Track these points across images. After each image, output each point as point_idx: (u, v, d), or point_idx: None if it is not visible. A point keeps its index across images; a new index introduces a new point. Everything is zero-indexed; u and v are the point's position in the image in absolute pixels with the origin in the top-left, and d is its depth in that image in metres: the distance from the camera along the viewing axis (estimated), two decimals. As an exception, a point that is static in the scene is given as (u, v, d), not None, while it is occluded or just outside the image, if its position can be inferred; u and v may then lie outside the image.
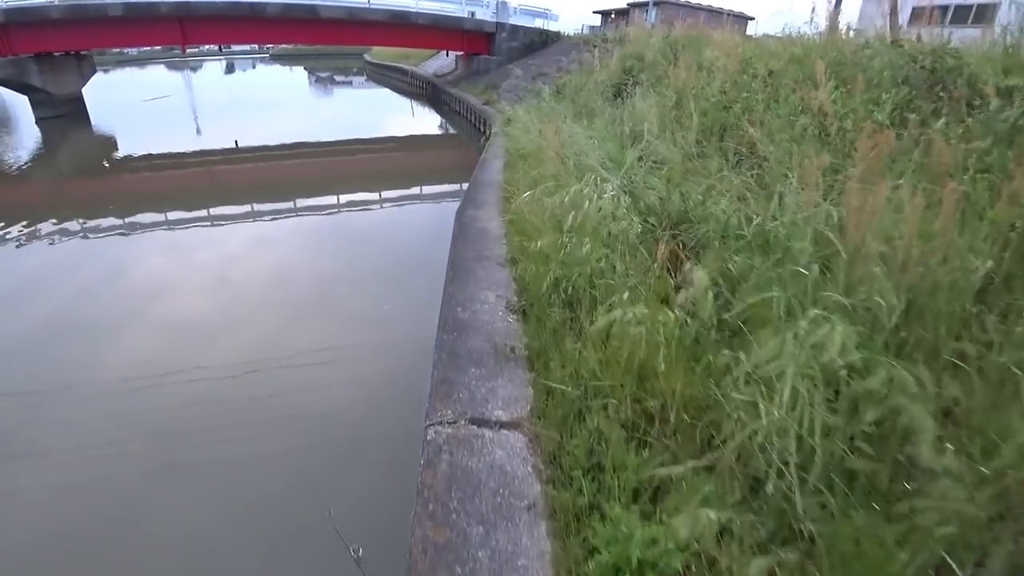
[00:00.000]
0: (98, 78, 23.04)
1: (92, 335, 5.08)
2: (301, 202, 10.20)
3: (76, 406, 4.05)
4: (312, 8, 18.93)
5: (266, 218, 9.37)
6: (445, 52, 26.40)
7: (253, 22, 19.22)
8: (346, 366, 4.52)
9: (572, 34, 22.54)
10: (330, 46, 50.96)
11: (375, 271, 6.75)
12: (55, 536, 3.11)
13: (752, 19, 24.98)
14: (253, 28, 19.62)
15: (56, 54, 20.13)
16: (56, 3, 17.87)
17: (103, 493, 3.38)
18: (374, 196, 10.98)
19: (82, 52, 21.61)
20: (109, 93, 31.68)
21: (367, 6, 19.40)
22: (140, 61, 59.53)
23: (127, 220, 8.96)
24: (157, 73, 47.78)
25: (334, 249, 7.81)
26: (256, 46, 58.04)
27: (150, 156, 14.87)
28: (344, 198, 10.44)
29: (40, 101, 19.30)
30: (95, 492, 3.39)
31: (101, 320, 5.38)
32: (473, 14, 21.59)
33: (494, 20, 21.29)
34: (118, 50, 58.11)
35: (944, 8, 12.76)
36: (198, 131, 19.23)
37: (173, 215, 9.30)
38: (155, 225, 8.85)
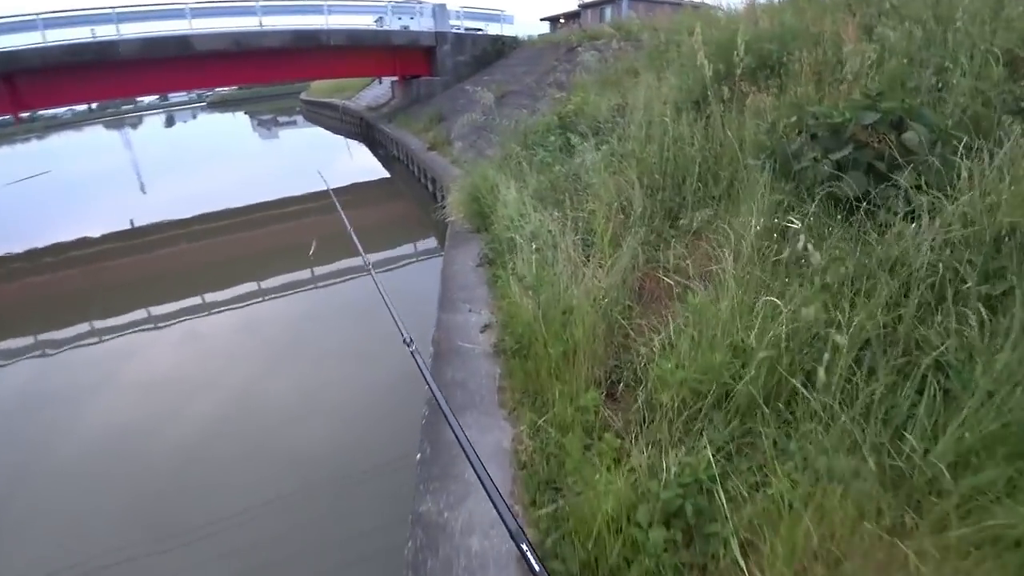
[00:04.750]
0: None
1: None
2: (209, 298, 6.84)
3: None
4: (183, 41, 12.79)
5: (152, 325, 6.38)
6: (378, 79, 20.31)
7: (107, 69, 13.00)
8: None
9: (535, 38, 16.61)
10: (264, 87, 43.85)
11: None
12: None
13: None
14: (109, 78, 13.32)
15: None
16: None
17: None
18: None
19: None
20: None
21: (259, 29, 13.31)
22: (75, 123, 51.77)
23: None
24: (93, 134, 41.34)
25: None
26: (194, 95, 50.88)
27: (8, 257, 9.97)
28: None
29: None
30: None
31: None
32: (406, 27, 15.64)
33: (432, 31, 15.32)
34: (51, 113, 50.75)
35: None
36: (144, 195, 14.44)
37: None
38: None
